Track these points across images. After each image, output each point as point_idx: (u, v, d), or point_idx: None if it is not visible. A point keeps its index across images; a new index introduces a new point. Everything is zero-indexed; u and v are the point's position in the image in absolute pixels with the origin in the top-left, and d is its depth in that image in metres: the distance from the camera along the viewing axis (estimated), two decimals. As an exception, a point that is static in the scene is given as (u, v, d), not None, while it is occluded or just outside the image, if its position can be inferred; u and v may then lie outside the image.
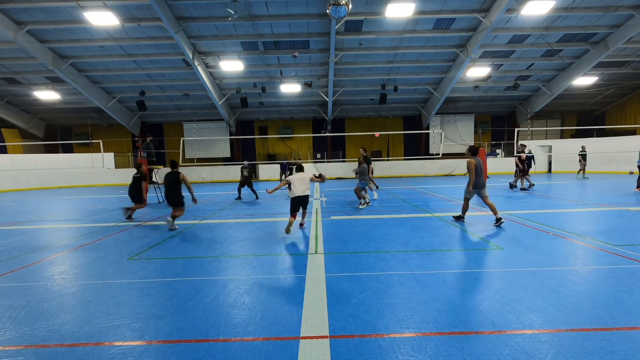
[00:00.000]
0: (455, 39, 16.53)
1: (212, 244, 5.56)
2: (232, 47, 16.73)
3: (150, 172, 11.72)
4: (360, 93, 21.97)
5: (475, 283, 3.51)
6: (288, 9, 14.01)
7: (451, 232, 5.93)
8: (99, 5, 13.05)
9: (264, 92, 19.92)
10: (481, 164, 6.45)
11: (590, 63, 17.67)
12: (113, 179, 21.85)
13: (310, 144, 26.08)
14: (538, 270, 3.82)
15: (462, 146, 25.53)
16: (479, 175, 6.41)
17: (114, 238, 6.14)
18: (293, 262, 4.47)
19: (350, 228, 6.43)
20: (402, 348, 2.38)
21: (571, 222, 6.51)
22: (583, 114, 26.08)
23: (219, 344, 2.50)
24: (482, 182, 6.46)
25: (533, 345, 2.36)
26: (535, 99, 22.88)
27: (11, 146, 21.94)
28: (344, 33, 15.66)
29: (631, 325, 2.59)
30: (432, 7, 14.18)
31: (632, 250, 4.49)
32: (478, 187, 6.47)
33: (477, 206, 8.69)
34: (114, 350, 2.47)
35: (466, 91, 22.43)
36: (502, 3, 13.18)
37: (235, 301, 3.23)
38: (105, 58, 17.22)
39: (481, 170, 6.43)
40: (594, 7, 14.26)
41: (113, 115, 22.08)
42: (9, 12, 13.68)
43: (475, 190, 6.50)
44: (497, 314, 2.81)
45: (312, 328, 2.68)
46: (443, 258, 4.40)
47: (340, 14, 11.69)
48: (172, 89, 20.92)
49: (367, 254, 4.68)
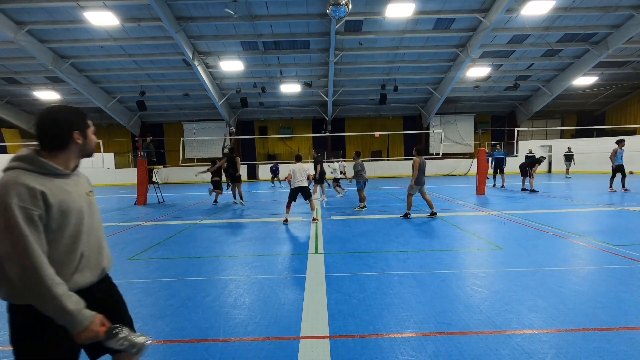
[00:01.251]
0: (455, 39, 16.52)
1: (212, 244, 5.56)
2: (232, 47, 16.73)
3: (150, 172, 11.73)
4: (360, 93, 21.96)
5: (475, 283, 3.51)
6: (288, 9, 14.01)
7: (451, 232, 5.93)
8: (99, 5, 13.05)
9: (264, 92, 19.91)
10: (424, 164, 7.21)
11: (590, 63, 17.67)
12: (113, 179, 21.85)
13: (310, 144, 26.07)
14: (538, 270, 3.82)
15: (462, 146, 25.54)
16: (422, 173, 7.13)
17: (114, 238, 6.14)
18: (293, 262, 4.47)
19: (350, 228, 6.43)
20: (402, 348, 2.38)
21: (571, 222, 6.51)
22: (583, 114, 26.08)
23: (219, 344, 2.50)
24: (423, 180, 7.24)
25: (533, 345, 2.36)
26: (535, 99, 22.87)
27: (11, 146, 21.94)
28: (344, 33, 15.65)
29: (631, 325, 2.59)
30: (432, 7, 14.17)
31: (632, 250, 4.49)
32: (420, 184, 7.17)
33: (476, 206, 8.70)
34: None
35: (466, 91, 22.42)
36: (502, 3, 13.17)
37: (235, 301, 3.23)
38: (105, 58, 17.22)
39: (424, 169, 7.18)
40: (594, 7, 14.25)
41: (113, 115, 22.08)
42: (9, 12, 13.68)
43: (417, 186, 7.18)
44: (497, 314, 2.81)
45: (312, 328, 2.69)
46: (443, 258, 4.40)
47: (340, 14, 11.69)
48: (172, 89, 20.92)
49: (367, 254, 4.69)
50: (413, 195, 7.36)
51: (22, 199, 1.17)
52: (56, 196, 1.26)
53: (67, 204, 1.29)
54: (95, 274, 1.44)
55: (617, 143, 10.94)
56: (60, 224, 1.28)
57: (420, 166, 7.09)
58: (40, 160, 1.28)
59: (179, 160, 17.44)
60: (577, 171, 20.39)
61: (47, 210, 1.23)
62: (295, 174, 6.96)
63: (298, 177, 6.92)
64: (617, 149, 10.84)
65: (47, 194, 1.23)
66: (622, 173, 10.84)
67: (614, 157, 10.90)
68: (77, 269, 1.35)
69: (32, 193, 1.19)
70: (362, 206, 8.63)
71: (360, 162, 8.87)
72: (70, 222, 1.31)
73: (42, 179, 1.26)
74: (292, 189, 7.08)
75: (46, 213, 1.23)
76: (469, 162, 23.07)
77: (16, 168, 1.25)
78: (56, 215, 1.26)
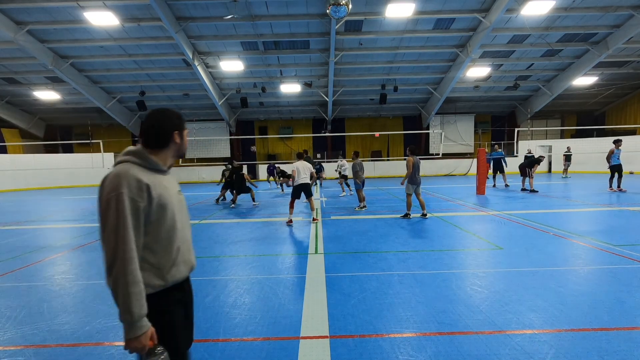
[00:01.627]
0: (455, 39, 16.52)
1: (212, 243, 5.56)
2: (232, 47, 16.72)
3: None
4: (360, 93, 21.95)
5: (475, 283, 3.51)
6: (288, 9, 14.01)
7: (451, 232, 5.93)
8: (99, 5, 13.04)
9: (264, 92, 19.91)
10: (419, 163, 7.26)
11: (590, 63, 17.66)
12: (113, 179, 21.81)
13: (311, 144, 26.05)
14: (538, 270, 3.82)
15: (462, 146, 25.53)
16: (417, 172, 7.19)
17: (114, 238, 6.12)
18: (293, 262, 4.47)
19: (350, 228, 6.43)
20: (402, 348, 2.38)
21: (571, 222, 6.51)
22: (583, 114, 26.07)
23: (219, 344, 2.50)
24: (419, 179, 7.28)
25: (533, 345, 2.36)
26: (535, 99, 22.87)
27: (11, 146, 21.92)
28: (344, 33, 15.65)
29: (631, 325, 2.59)
30: (432, 7, 14.17)
31: (632, 250, 4.49)
32: (415, 183, 7.23)
33: (476, 206, 8.70)
34: (113, 350, 2.47)
35: (466, 91, 22.41)
36: (502, 3, 13.17)
37: (235, 301, 3.23)
38: (105, 58, 17.21)
39: (418, 168, 7.24)
40: (594, 7, 14.24)
41: (113, 115, 22.07)
42: (9, 12, 13.67)
43: (413, 185, 7.25)
44: (497, 314, 2.81)
45: (312, 328, 2.69)
46: (443, 258, 4.40)
47: (340, 14, 11.69)
48: (172, 89, 20.91)
49: (367, 254, 4.69)
50: (411, 196, 7.39)
51: (131, 190, 1.27)
52: (157, 190, 1.34)
53: (165, 199, 1.37)
54: (187, 268, 1.50)
55: (614, 143, 10.98)
56: (159, 217, 1.35)
57: (415, 165, 7.14)
58: (148, 155, 1.39)
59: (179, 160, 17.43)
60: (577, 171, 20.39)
61: (149, 202, 1.31)
62: (299, 171, 6.92)
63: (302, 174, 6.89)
64: (614, 149, 10.87)
65: (151, 187, 1.32)
66: (619, 173, 10.86)
67: (610, 158, 10.93)
68: (175, 262, 1.42)
69: (140, 185, 1.29)
70: (362, 206, 8.63)
71: (359, 163, 8.90)
72: (167, 216, 1.38)
73: (148, 174, 1.36)
74: (295, 187, 7.04)
75: (148, 205, 1.31)
76: (469, 162, 23.07)
77: (127, 161, 1.36)
78: (156, 208, 1.33)
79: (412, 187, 7.27)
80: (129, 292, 1.23)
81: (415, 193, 7.37)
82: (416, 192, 7.36)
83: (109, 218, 1.23)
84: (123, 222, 1.23)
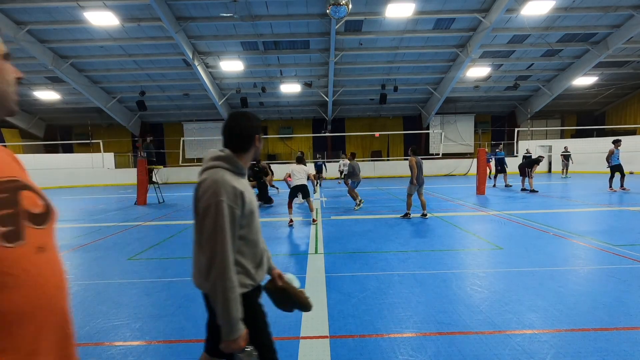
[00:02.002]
0: (455, 39, 16.52)
1: (212, 244, 5.55)
2: (232, 47, 16.72)
3: (150, 172, 11.73)
4: (360, 93, 21.95)
5: (475, 283, 3.51)
6: (288, 9, 14.01)
7: (451, 232, 5.93)
8: (99, 5, 13.04)
9: (264, 92, 19.91)
10: (421, 163, 7.25)
11: (590, 63, 17.66)
12: (113, 179, 21.83)
13: (311, 144, 26.06)
14: (538, 270, 3.82)
15: (462, 146, 25.53)
16: (420, 172, 7.18)
17: (114, 238, 6.13)
18: (293, 262, 4.47)
19: (350, 228, 6.43)
20: (402, 348, 2.38)
21: (571, 222, 6.51)
22: (583, 114, 26.06)
23: (219, 344, 2.49)
24: (422, 179, 7.26)
25: (533, 345, 2.36)
26: (535, 99, 22.86)
27: (11, 146, 21.90)
28: (344, 33, 15.65)
29: (631, 325, 2.59)
30: (432, 7, 14.17)
31: (632, 250, 4.49)
32: (418, 183, 7.20)
33: (476, 206, 8.70)
34: (113, 351, 2.47)
35: (466, 91, 22.41)
36: (502, 3, 13.17)
37: (235, 301, 3.23)
38: (105, 58, 17.21)
39: (421, 168, 7.21)
40: (594, 7, 14.24)
41: (113, 115, 22.07)
42: (9, 12, 13.67)
43: (416, 186, 7.22)
44: (497, 314, 2.81)
45: (312, 328, 2.69)
46: (443, 258, 4.40)
47: (340, 14, 11.69)
48: (172, 89, 20.91)
49: (367, 254, 4.68)
50: (412, 196, 7.41)
51: (230, 198, 1.29)
52: (248, 196, 1.38)
53: (254, 204, 1.41)
54: (266, 271, 1.55)
55: (613, 143, 10.99)
56: (249, 222, 1.38)
57: (418, 165, 7.16)
58: (237, 161, 1.41)
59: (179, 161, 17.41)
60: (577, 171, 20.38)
61: (242, 208, 1.34)
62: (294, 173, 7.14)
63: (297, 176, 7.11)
64: (614, 149, 10.88)
65: (244, 194, 1.34)
66: (621, 173, 10.87)
67: (610, 158, 10.94)
68: (260, 264, 1.47)
69: (235, 192, 1.31)
70: (358, 202, 8.69)
71: (356, 163, 9.08)
72: (255, 220, 1.42)
73: (237, 179, 1.38)
74: (291, 188, 7.26)
75: (242, 211, 1.33)
76: (469, 162, 23.07)
77: (218, 167, 1.37)
78: (247, 213, 1.36)
79: (416, 187, 7.28)
80: (228, 298, 1.26)
81: (418, 193, 7.39)
82: (418, 192, 7.38)
83: (208, 225, 1.26)
84: (221, 230, 1.25)
